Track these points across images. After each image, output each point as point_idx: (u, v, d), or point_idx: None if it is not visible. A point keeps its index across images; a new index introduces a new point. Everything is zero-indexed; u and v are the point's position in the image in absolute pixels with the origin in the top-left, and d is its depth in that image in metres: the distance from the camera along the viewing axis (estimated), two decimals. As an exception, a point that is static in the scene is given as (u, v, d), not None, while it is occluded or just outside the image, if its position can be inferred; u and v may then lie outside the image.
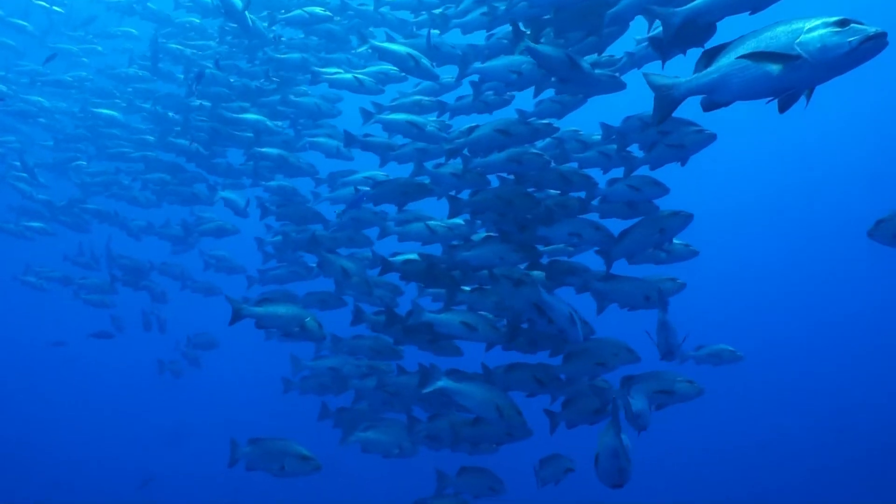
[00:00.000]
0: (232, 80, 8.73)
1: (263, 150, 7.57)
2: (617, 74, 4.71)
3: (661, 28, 3.79)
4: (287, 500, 13.68)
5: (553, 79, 4.68)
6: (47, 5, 12.01)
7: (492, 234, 5.44)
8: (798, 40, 2.57)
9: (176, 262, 10.18)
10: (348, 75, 6.63)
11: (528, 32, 4.75)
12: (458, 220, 5.81)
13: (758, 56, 2.68)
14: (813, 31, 2.56)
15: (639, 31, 4.84)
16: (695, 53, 3.31)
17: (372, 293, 5.91)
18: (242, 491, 13.93)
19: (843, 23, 2.51)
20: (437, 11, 6.40)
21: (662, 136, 4.56)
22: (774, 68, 2.65)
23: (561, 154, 5.31)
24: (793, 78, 2.65)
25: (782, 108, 2.86)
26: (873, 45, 2.46)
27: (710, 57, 3.01)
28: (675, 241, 5.19)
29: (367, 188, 6.38)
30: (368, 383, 5.95)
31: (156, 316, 11.01)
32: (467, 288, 5.41)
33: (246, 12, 7.15)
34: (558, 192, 5.22)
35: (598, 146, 5.21)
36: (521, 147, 4.93)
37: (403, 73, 6.10)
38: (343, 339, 6.36)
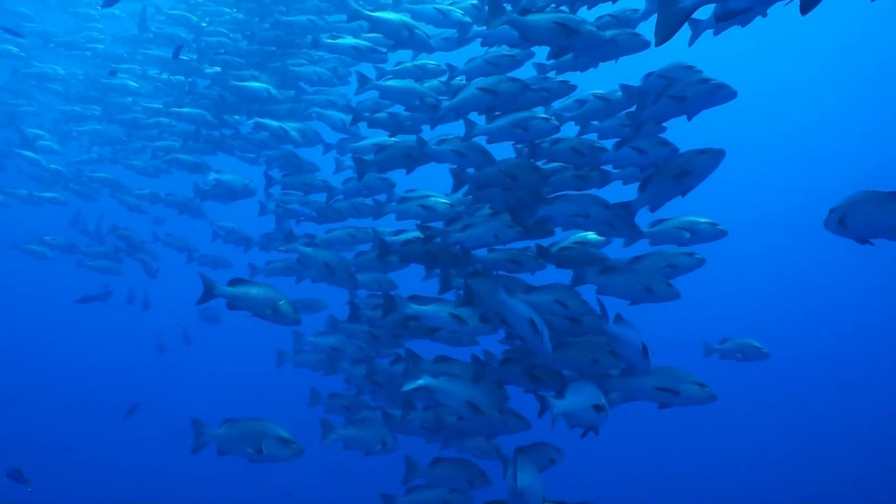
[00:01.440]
0: (243, 47, 8.46)
1: (264, 121, 7.24)
2: (637, 32, 4.24)
3: None
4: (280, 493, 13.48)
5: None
6: None
7: (497, 211, 5.04)
8: None
9: (173, 232, 9.97)
10: (347, 41, 6.23)
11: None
12: (460, 196, 5.43)
13: None
14: None
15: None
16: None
17: (357, 286, 5.59)
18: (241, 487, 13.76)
19: None
20: None
21: (666, 87, 4.06)
22: None
23: (581, 117, 4.81)
24: None
25: (805, 9, 2.37)
26: None
27: None
28: (700, 220, 4.71)
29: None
30: (359, 370, 5.67)
31: (142, 292, 10.82)
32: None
33: None
34: (571, 165, 4.77)
35: (620, 108, 4.70)
36: (527, 111, 4.46)
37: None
38: (340, 321, 6.12)
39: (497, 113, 4.65)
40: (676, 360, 4.55)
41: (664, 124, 4.41)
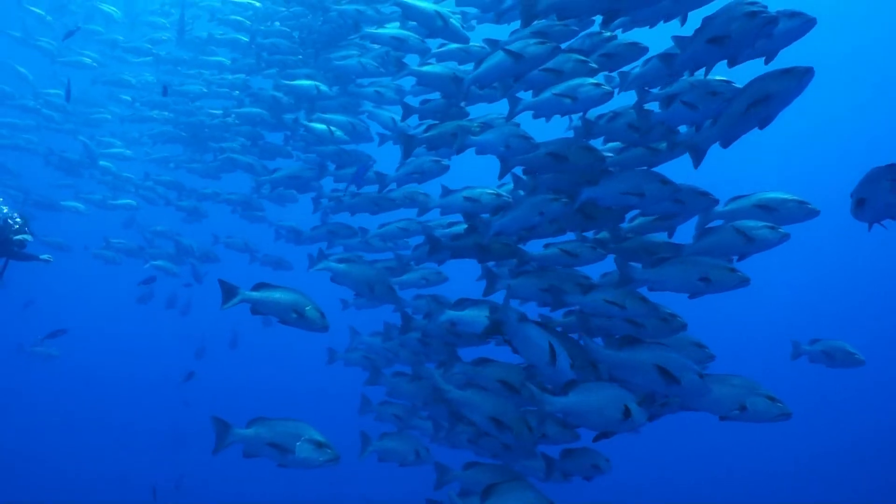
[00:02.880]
0: (299, 46, 8.40)
1: (310, 124, 7.10)
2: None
3: None
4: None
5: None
6: None
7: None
8: None
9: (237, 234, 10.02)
10: (389, 30, 5.96)
11: None
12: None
13: None
14: None
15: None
16: None
17: (399, 300, 5.36)
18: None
19: None
20: None
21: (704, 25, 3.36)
22: None
23: (639, 83, 4.22)
24: None
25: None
26: None
27: None
28: (787, 196, 4.04)
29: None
30: (401, 382, 5.45)
31: (184, 296, 10.94)
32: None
33: None
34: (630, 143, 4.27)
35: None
36: (577, 79, 3.96)
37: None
38: (394, 326, 5.88)
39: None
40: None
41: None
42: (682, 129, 4.13)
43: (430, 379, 5.08)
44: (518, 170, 4.75)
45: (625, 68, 4.46)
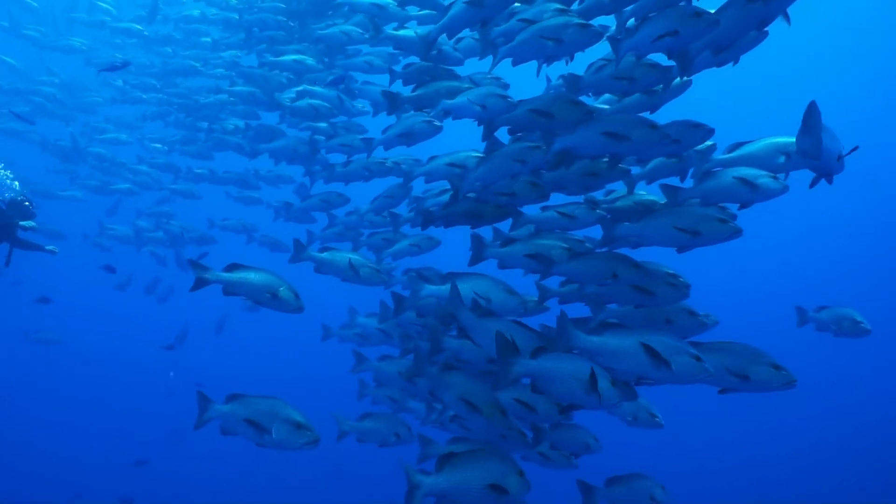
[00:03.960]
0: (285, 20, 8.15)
1: (294, 104, 6.88)
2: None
3: None
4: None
5: None
6: None
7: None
8: None
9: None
10: None
11: None
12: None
13: None
14: None
15: None
16: None
17: (387, 281, 5.25)
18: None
19: None
20: None
21: None
22: None
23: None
24: None
25: None
26: None
27: None
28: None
29: None
30: (388, 366, 5.29)
31: (165, 283, 10.88)
32: None
33: None
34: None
35: None
36: (562, 17, 3.58)
37: None
38: (390, 308, 5.70)
39: None
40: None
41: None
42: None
43: (415, 356, 4.91)
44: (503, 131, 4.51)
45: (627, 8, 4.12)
